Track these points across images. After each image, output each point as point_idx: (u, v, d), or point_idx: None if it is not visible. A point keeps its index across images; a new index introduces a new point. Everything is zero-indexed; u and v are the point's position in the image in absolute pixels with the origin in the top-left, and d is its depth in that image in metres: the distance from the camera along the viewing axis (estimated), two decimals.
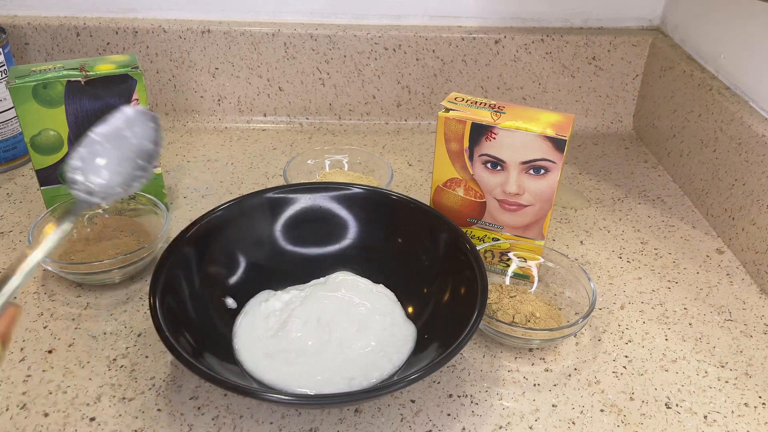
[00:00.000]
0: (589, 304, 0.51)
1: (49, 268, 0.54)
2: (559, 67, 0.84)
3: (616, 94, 0.86)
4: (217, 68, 0.82)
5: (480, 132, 0.53)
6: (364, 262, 0.56)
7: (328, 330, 0.49)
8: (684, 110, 0.74)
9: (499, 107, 0.54)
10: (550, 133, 0.51)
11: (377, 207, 0.56)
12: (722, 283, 0.60)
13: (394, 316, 0.51)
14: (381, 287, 0.54)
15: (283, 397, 0.40)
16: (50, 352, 0.50)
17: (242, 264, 0.54)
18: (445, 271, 0.52)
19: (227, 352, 0.48)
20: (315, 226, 0.57)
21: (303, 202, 0.56)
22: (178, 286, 0.48)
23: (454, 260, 0.51)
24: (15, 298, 0.40)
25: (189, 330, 0.46)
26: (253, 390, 0.39)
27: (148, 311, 0.53)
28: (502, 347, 0.51)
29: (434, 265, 0.53)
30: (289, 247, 0.56)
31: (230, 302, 0.52)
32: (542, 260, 0.57)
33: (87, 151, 0.40)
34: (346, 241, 0.57)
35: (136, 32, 0.80)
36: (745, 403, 0.47)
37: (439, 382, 0.48)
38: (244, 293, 0.53)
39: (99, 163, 0.40)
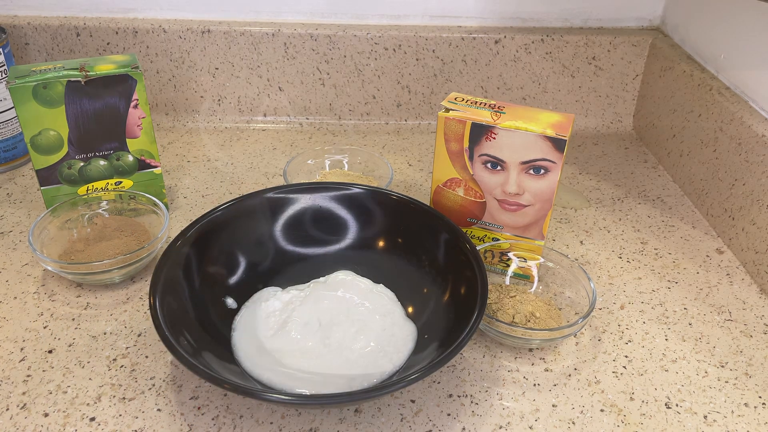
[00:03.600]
0: (589, 304, 0.51)
1: (49, 268, 0.54)
2: (559, 67, 0.84)
3: (616, 94, 0.86)
4: (217, 68, 0.82)
5: (480, 132, 0.53)
6: (364, 261, 0.56)
7: (328, 330, 0.49)
8: (684, 110, 0.74)
9: (499, 107, 0.54)
10: (550, 133, 0.51)
11: (377, 207, 0.56)
12: (722, 283, 0.60)
13: (394, 316, 0.51)
14: (381, 287, 0.54)
15: (283, 397, 0.40)
16: (50, 352, 0.50)
17: (242, 264, 0.54)
18: (445, 271, 0.52)
19: (227, 352, 0.48)
20: (315, 226, 0.57)
21: (303, 202, 0.56)
22: (178, 286, 0.48)
23: (454, 260, 0.51)
24: None
25: (189, 330, 0.46)
26: (253, 390, 0.39)
27: (148, 311, 0.53)
28: (502, 347, 0.51)
29: (434, 265, 0.53)
30: (289, 247, 0.56)
31: (230, 302, 0.52)
32: (542, 260, 0.57)
33: None
34: (346, 241, 0.57)
35: (136, 32, 0.80)
36: (745, 403, 0.47)
37: (439, 382, 0.48)
38: (244, 293, 0.53)
39: None
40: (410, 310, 0.52)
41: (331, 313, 0.50)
